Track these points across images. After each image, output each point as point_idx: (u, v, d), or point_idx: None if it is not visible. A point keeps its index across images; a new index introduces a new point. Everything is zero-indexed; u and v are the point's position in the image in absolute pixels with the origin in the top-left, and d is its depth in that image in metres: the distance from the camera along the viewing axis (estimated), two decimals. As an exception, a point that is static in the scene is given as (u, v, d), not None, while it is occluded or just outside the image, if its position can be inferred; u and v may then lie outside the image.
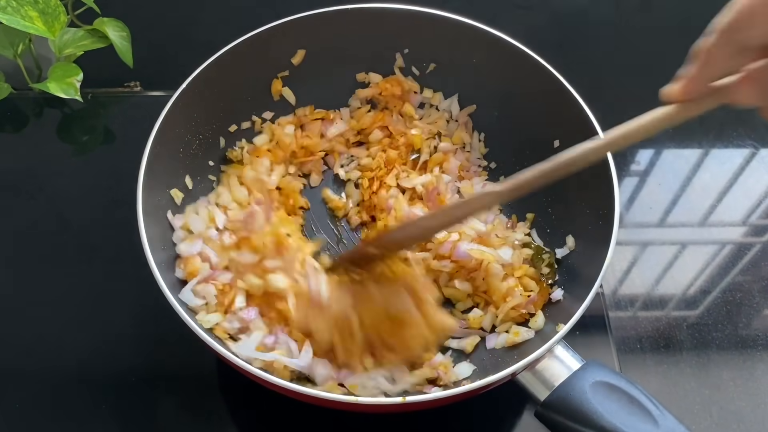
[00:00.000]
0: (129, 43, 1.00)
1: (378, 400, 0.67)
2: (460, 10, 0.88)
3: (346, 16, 0.90)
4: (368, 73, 0.96)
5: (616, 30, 1.17)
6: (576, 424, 0.63)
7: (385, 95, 0.95)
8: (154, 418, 0.78)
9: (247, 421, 0.78)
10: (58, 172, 0.97)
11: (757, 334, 0.86)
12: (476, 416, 0.78)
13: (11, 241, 0.91)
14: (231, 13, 1.16)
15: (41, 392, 0.79)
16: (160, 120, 0.78)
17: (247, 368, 0.64)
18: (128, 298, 0.85)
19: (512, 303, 0.78)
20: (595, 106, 0.80)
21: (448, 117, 0.96)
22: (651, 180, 0.99)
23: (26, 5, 0.92)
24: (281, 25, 0.87)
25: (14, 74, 1.02)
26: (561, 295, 0.78)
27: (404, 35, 0.92)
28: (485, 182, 0.93)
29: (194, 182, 0.85)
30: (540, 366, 0.67)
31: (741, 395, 0.81)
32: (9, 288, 0.87)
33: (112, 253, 0.89)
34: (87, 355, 0.82)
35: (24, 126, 1.02)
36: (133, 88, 1.05)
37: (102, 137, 1.02)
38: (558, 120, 0.84)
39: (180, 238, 0.79)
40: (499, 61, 0.89)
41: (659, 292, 0.90)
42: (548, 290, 0.80)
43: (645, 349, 0.85)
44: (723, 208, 0.97)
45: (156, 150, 0.77)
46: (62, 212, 0.93)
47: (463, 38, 0.89)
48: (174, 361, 0.82)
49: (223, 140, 0.90)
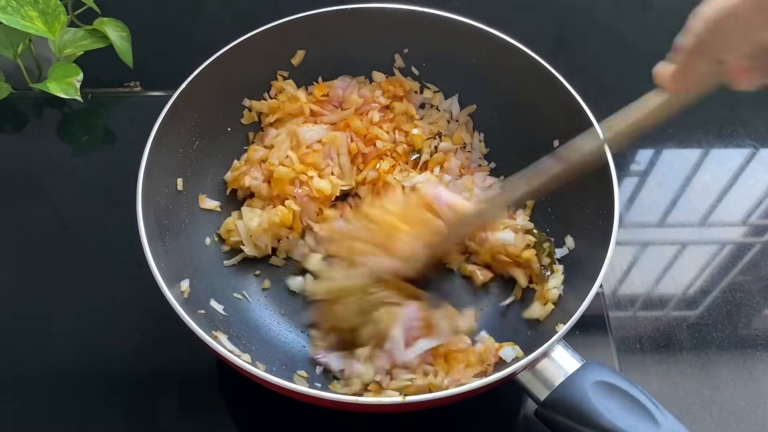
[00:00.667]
0: (129, 43, 1.00)
1: (378, 400, 0.67)
2: (460, 10, 0.88)
3: (346, 16, 0.90)
4: (372, 73, 0.96)
5: (616, 30, 1.17)
6: (576, 424, 0.63)
7: (387, 96, 0.95)
8: (154, 418, 0.78)
9: (247, 421, 0.78)
10: (58, 172, 0.97)
11: (757, 334, 0.86)
12: (476, 416, 0.78)
13: (11, 241, 0.91)
14: (231, 13, 1.16)
15: (41, 392, 0.79)
16: (160, 120, 0.78)
17: (247, 368, 0.64)
18: (128, 298, 0.85)
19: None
20: (595, 106, 0.80)
21: (449, 117, 0.96)
22: (651, 180, 0.99)
23: (26, 5, 0.92)
24: (281, 25, 0.87)
25: (14, 74, 1.02)
26: (561, 289, 0.79)
27: (404, 35, 0.92)
28: (486, 177, 0.93)
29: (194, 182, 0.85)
30: (540, 366, 0.67)
31: (741, 395, 0.81)
32: (9, 288, 0.87)
33: (112, 253, 0.89)
34: (87, 355, 0.82)
35: (24, 126, 1.02)
36: (133, 88, 1.05)
37: (102, 137, 1.02)
38: (558, 120, 0.84)
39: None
40: (499, 61, 0.89)
41: (659, 292, 0.90)
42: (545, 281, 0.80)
43: (645, 349, 0.85)
44: (723, 208, 0.97)
45: (156, 150, 0.77)
46: (62, 212, 0.93)
47: (463, 38, 0.89)
48: (174, 361, 0.81)
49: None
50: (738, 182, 1.00)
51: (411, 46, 0.94)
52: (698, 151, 1.03)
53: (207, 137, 0.88)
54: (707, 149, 1.03)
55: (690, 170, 1.01)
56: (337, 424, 0.77)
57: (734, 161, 1.02)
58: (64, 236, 0.91)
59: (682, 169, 1.01)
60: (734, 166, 1.01)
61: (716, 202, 0.98)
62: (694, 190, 0.99)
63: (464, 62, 0.92)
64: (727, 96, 1.07)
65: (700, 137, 1.04)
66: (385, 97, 0.94)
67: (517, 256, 0.82)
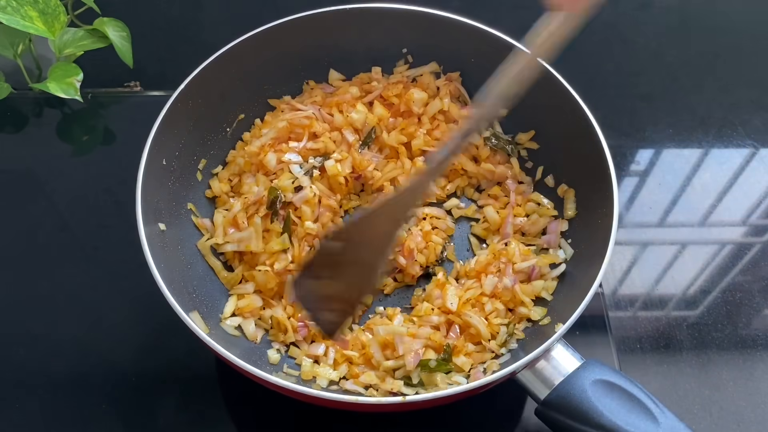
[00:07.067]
0: (129, 43, 1.00)
1: (378, 400, 0.67)
2: (460, 11, 0.88)
3: (346, 16, 0.90)
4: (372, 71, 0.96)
5: (616, 30, 1.17)
6: (576, 423, 0.63)
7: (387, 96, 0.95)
8: (154, 418, 0.78)
9: (247, 421, 0.78)
10: (58, 172, 0.97)
11: (757, 334, 0.86)
12: (476, 415, 0.78)
13: (11, 241, 0.91)
14: (231, 13, 1.16)
15: (41, 392, 0.79)
16: (159, 120, 0.78)
17: (247, 368, 0.64)
18: (128, 298, 0.85)
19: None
20: (595, 106, 0.80)
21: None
22: (651, 180, 0.99)
23: (26, 5, 0.92)
24: (281, 25, 0.87)
25: (14, 74, 1.02)
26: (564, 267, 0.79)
27: (404, 35, 0.92)
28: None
29: (194, 182, 0.85)
30: (540, 365, 0.67)
31: (741, 395, 0.81)
32: (9, 288, 0.87)
33: (112, 253, 0.89)
34: (87, 355, 0.82)
35: (24, 126, 1.02)
36: (133, 88, 1.05)
37: (102, 137, 1.02)
38: (558, 119, 0.84)
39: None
40: (499, 61, 0.88)
41: (659, 292, 0.90)
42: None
43: (645, 348, 0.85)
44: (723, 208, 0.97)
45: (156, 150, 0.77)
46: (62, 212, 0.93)
47: (463, 38, 0.89)
48: (174, 361, 0.81)
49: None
50: (738, 182, 1.00)
51: (411, 46, 0.94)
52: (698, 151, 1.03)
53: (207, 137, 0.88)
54: (707, 149, 1.03)
55: (690, 170, 1.01)
56: (336, 424, 0.77)
57: (734, 161, 1.02)
58: (64, 236, 0.91)
59: (682, 169, 1.01)
60: (734, 166, 1.01)
61: (716, 202, 0.98)
62: (694, 190, 0.99)
63: (464, 62, 0.92)
64: (727, 96, 1.08)
65: (700, 137, 1.04)
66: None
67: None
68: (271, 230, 0.82)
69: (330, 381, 0.75)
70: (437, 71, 0.94)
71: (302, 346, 0.79)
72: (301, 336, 0.79)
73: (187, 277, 0.79)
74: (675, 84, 1.09)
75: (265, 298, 0.81)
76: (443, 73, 0.95)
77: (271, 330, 0.80)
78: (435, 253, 0.86)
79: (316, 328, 0.78)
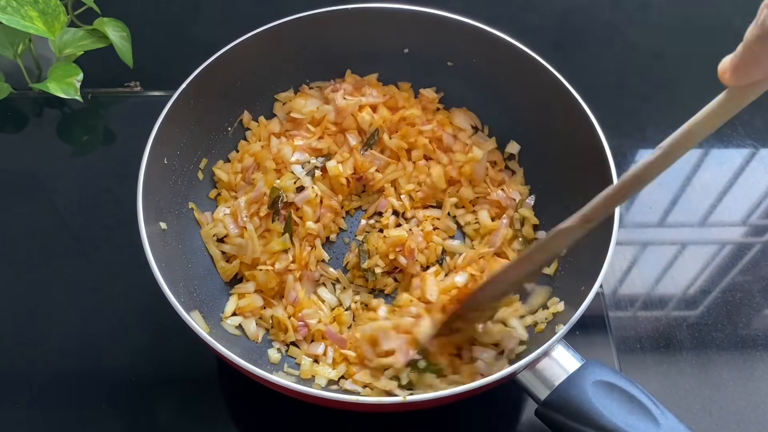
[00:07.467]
0: (129, 43, 1.00)
1: (378, 400, 0.67)
2: (460, 10, 0.88)
3: (346, 16, 0.90)
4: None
5: (616, 30, 1.17)
6: (576, 423, 0.63)
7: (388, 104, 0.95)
8: (154, 418, 0.78)
9: (247, 421, 0.78)
10: (58, 172, 0.97)
11: (757, 334, 0.86)
12: (477, 415, 0.78)
13: (11, 241, 0.91)
14: (231, 13, 1.16)
15: (41, 392, 0.79)
16: (160, 120, 0.78)
17: (248, 368, 0.64)
18: (128, 298, 0.85)
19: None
20: (595, 106, 0.80)
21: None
22: (651, 180, 0.99)
23: (26, 5, 0.92)
24: (281, 25, 0.87)
25: (14, 74, 1.02)
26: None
27: (404, 35, 0.92)
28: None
29: (194, 181, 0.85)
30: (540, 365, 0.67)
31: (741, 395, 0.81)
32: (9, 288, 0.87)
33: (112, 253, 0.89)
34: (87, 354, 0.82)
35: (24, 126, 1.02)
36: (133, 88, 1.05)
37: (102, 137, 1.02)
38: (558, 119, 0.84)
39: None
40: (499, 61, 0.89)
41: (659, 292, 0.90)
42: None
43: (645, 349, 0.85)
44: (723, 208, 0.97)
45: (157, 149, 0.77)
46: (62, 212, 0.93)
47: (463, 38, 0.89)
48: (174, 361, 0.82)
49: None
50: (738, 182, 1.00)
51: (411, 46, 0.94)
52: (698, 151, 1.03)
53: (207, 137, 0.88)
54: (707, 149, 1.03)
55: (690, 170, 1.01)
56: (336, 423, 0.77)
57: (734, 161, 1.02)
58: (64, 236, 0.91)
59: (682, 169, 1.01)
60: (734, 166, 1.01)
61: (716, 202, 0.98)
62: (694, 190, 0.99)
63: (464, 62, 0.92)
64: (727, 96, 1.08)
65: (700, 137, 1.04)
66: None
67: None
68: (272, 230, 0.83)
69: (329, 380, 0.76)
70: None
71: (302, 345, 0.80)
72: (301, 335, 0.79)
73: (188, 277, 0.79)
74: (675, 84, 1.09)
75: (266, 298, 0.82)
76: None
77: (271, 329, 0.81)
78: (435, 253, 0.86)
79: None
